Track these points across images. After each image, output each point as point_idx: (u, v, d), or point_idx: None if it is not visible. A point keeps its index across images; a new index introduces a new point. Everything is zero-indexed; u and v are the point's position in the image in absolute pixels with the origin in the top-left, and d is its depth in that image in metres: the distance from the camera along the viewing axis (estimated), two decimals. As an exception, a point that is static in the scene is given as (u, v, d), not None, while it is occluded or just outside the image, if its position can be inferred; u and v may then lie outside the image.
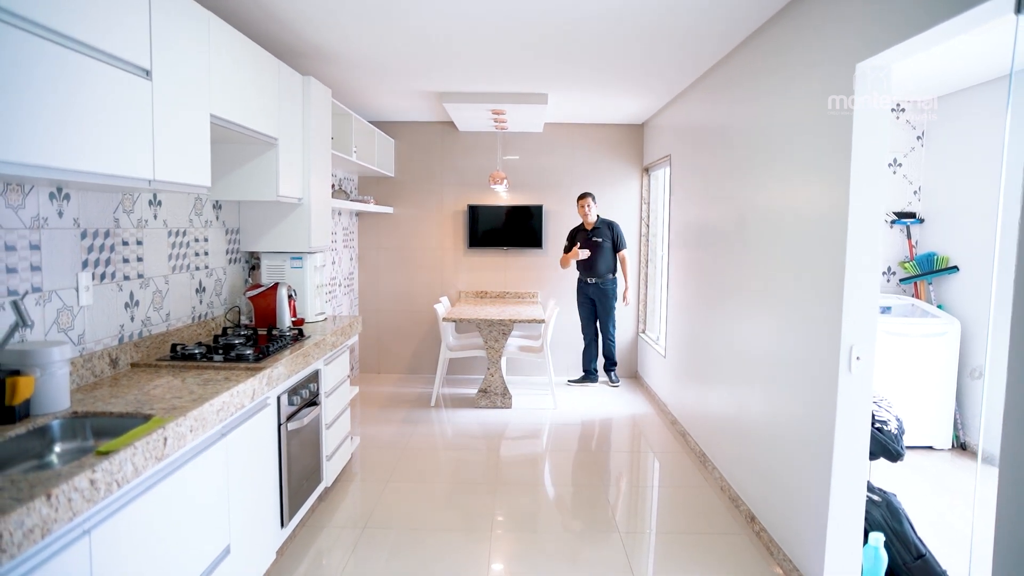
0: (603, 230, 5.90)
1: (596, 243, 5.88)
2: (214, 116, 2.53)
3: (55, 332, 2.19)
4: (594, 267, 5.92)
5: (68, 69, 1.70)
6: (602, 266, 5.92)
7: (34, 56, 1.59)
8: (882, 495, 2.77)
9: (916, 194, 4.82)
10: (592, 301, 6.04)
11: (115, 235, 2.53)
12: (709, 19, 3.12)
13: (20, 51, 1.54)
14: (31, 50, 1.58)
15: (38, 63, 1.60)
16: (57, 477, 1.40)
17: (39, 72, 1.60)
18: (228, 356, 2.65)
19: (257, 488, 2.54)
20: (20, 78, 1.54)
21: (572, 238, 6.01)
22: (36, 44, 1.59)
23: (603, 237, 5.89)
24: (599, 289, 5.96)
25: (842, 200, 2.39)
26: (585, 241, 5.89)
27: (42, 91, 1.61)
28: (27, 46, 1.57)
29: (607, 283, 5.96)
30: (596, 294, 5.97)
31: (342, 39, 3.51)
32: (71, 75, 1.72)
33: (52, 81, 1.65)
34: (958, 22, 1.83)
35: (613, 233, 5.93)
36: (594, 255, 5.89)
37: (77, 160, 1.75)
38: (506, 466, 4.16)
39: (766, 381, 3.14)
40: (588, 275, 5.96)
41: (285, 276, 3.67)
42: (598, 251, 5.89)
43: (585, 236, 5.91)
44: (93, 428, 1.94)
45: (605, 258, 5.91)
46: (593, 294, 5.99)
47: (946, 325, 4.31)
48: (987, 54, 3.60)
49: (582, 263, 5.95)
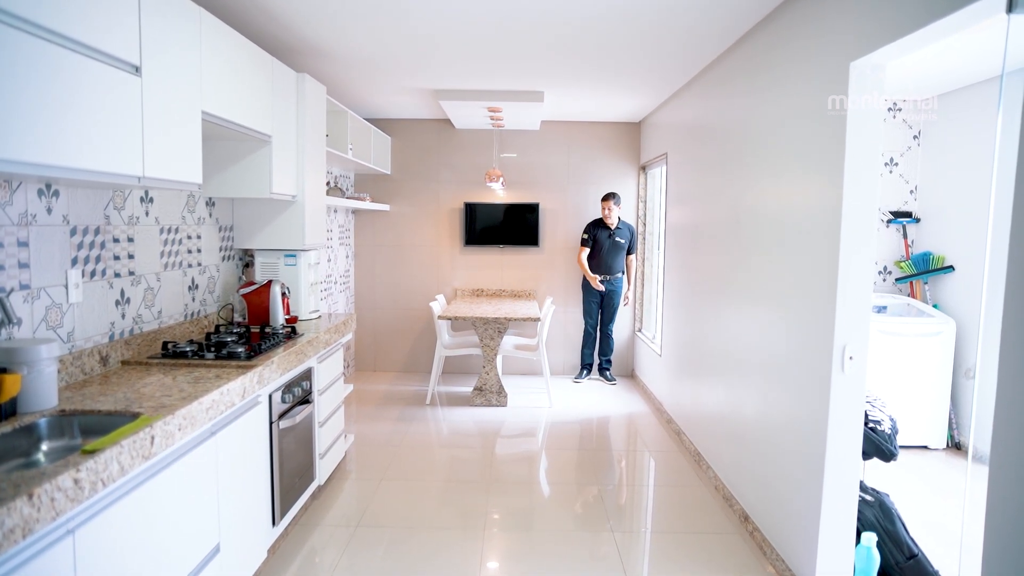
0: (624, 231, 6.01)
1: (618, 243, 5.98)
2: (205, 113, 2.51)
3: (44, 330, 2.17)
4: (611, 266, 6.01)
5: (54, 65, 1.69)
6: (616, 266, 6.03)
7: (18, 52, 1.57)
8: (875, 495, 2.77)
9: (912, 193, 4.82)
10: (601, 297, 6.09)
11: (106, 232, 2.51)
12: (706, 17, 3.11)
13: (2, 47, 1.53)
14: (15, 45, 1.56)
15: (22, 59, 1.59)
16: (41, 476, 1.39)
17: (23, 68, 1.59)
18: (220, 354, 2.64)
19: (248, 486, 2.53)
20: (4, 74, 1.53)
21: (591, 234, 6.01)
22: (20, 39, 1.58)
23: (623, 239, 6.00)
24: (610, 285, 6.03)
25: (836, 198, 2.39)
26: (607, 240, 5.95)
27: (27, 87, 1.60)
28: (11, 41, 1.55)
29: (617, 282, 6.08)
30: (607, 290, 6.03)
31: (337, 36, 3.49)
32: (57, 71, 1.70)
33: (37, 77, 1.63)
34: (951, 21, 1.82)
35: (631, 236, 6.05)
36: (613, 255, 5.99)
37: (65, 157, 1.74)
38: (501, 464, 4.15)
39: (760, 380, 3.13)
40: (602, 273, 6.00)
41: (279, 274, 3.66)
42: (616, 251, 6.00)
43: (607, 234, 5.96)
44: (81, 426, 1.93)
45: (620, 259, 6.05)
46: (603, 291, 6.04)
47: (941, 325, 4.30)
48: (984, 53, 3.59)
49: (596, 261, 5.99)
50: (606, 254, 5.96)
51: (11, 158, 1.56)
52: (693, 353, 4.34)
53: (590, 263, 6.02)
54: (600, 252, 5.97)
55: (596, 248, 5.97)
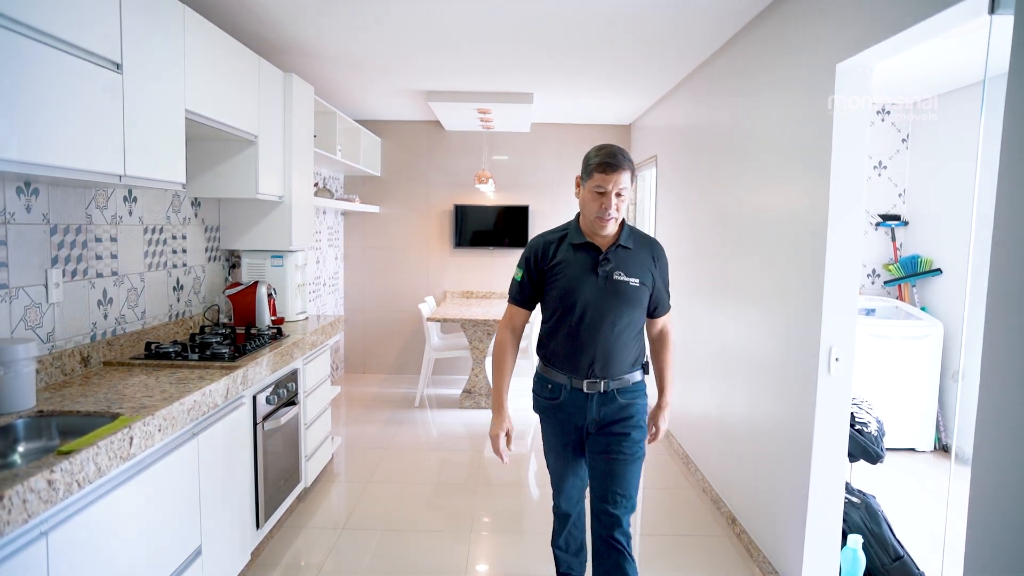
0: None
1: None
2: (189, 111, 2.49)
3: (23, 329, 2.14)
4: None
5: (32, 61, 1.67)
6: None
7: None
8: (861, 497, 2.77)
9: (901, 196, 4.84)
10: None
11: (87, 231, 2.48)
12: (694, 20, 3.11)
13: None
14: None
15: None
16: (13, 478, 1.36)
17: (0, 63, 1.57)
18: (204, 355, 2.62)
19: (231, 488, 2.50)
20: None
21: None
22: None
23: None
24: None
25: (823, 200, 2.39)
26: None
27: (2, 83, 1.58)
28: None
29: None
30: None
31: (323, 36, 3.48)
32: (35, 68, 1.68)
33: (14, 74, 1.61)
34: (935, 22, 1.82)
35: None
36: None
37: (43, 155, 1.72)
38: (490, 467, 4.13)
39: (747, 382, 3.13)
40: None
41: (265, 275, 3.63)
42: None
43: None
44: (59, 427, 1.90)
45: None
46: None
47: (929, 327, 4.32)
48: (971, 56, 3.61)
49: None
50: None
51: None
52: (681, 355, 4.34)
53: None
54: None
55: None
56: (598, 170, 2.05)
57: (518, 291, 2.25)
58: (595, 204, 2.08)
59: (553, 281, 2.16)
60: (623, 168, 2.04)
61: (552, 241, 2.21)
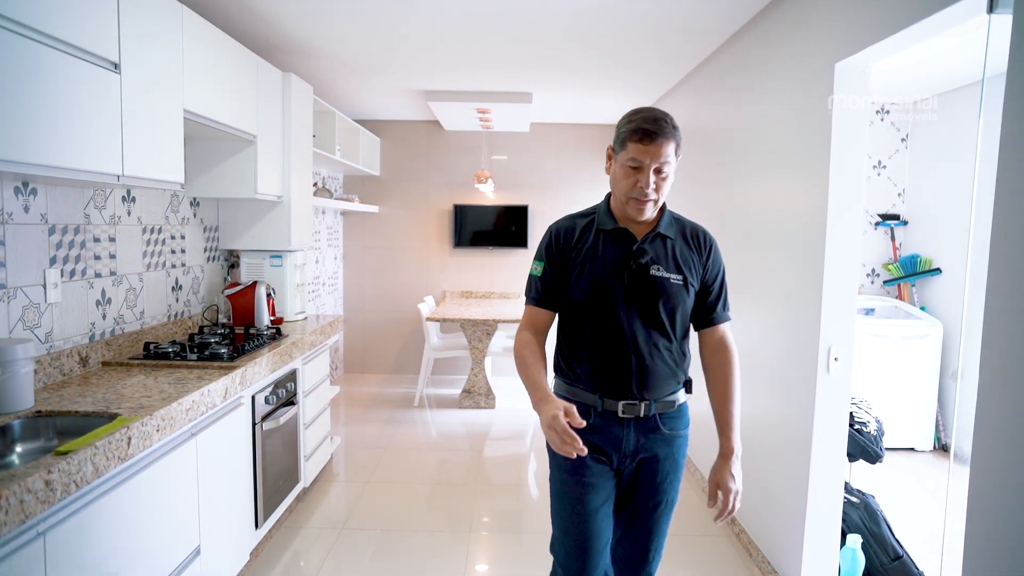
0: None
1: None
2: (187, 111, 2.49)
3: (20, 330, 2.14)
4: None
5: (29, 61, 1.67)
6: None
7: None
8: (860, 496, 2.77)
9: (900, 196, 4.83)
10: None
11: (86, 232, 2.48)
12: (693, 20, 3.11)
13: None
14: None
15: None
16: (10, 478, 1.36)
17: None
18: (203, 355, 2.61)
19: (229, 488, 2.50)
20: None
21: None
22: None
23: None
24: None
25: (821, 199, 2.38)
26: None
27: (0, 83, 1.57)
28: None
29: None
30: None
31: (322, 35, 3.47)
32: (33, 67, 1.68)
33: (12, 73, 1.61)
34: (933, 21, 1.82)
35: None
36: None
37: (41, 155, 1.72)
38: (489, 467, 4.13)
39: (746, 381, 3.12)
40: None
41: (264, 275, 3.63)
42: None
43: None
44: (57, 428, 1.90)
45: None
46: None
47: (929, 327, 4.32)
48: (970, 56, 3.61)
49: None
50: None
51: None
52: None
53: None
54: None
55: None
56: (632, 139, 1.60)
57: (538, 287, 1.79)
58: (628, 182, 1.65)
59: (577, 275, 1.73)
60: (666, 137, 1.59)
61: (578, 223, 1.82)
